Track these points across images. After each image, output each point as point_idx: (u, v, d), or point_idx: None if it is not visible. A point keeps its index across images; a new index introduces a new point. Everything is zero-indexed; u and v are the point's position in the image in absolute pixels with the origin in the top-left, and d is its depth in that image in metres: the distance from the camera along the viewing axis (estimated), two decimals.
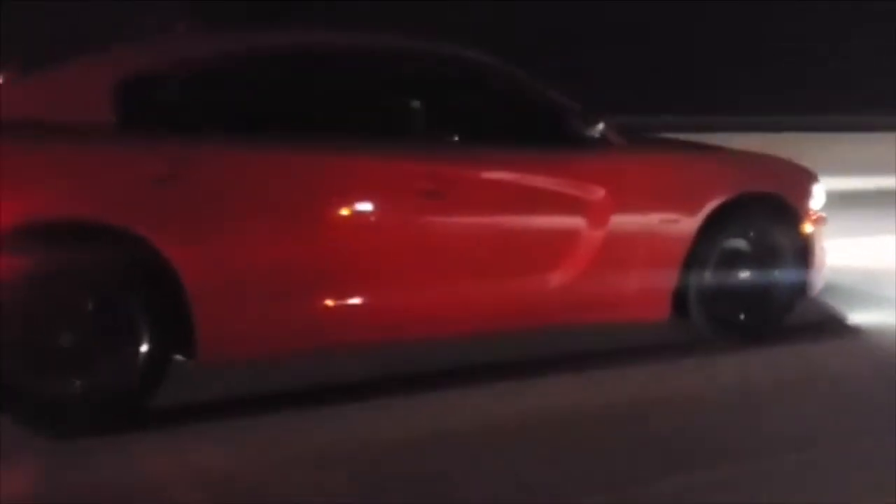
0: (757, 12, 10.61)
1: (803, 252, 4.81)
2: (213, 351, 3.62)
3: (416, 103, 4.14)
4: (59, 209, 3.38)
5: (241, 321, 3.66)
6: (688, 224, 4.50)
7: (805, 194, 4.86)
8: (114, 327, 3.49)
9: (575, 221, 4.27)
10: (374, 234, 3.87)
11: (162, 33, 4.09)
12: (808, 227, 4.84)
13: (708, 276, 4.60)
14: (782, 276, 4.79)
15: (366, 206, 3.86)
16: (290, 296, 3.74)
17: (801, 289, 4.87)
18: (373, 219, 3.87)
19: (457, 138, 4.17)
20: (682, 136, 5.94)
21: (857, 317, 5.27)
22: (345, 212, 3.82)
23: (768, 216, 4.73)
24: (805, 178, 4.93)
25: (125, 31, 4.91)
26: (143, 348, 3.50)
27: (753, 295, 4.75)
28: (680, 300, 4.57)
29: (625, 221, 4.35)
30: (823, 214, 4.95)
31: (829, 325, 5.16)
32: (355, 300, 3.86)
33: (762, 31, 10.57)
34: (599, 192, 4.28)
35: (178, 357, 3.67)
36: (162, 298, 3.52)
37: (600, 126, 4.28)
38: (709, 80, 9.96)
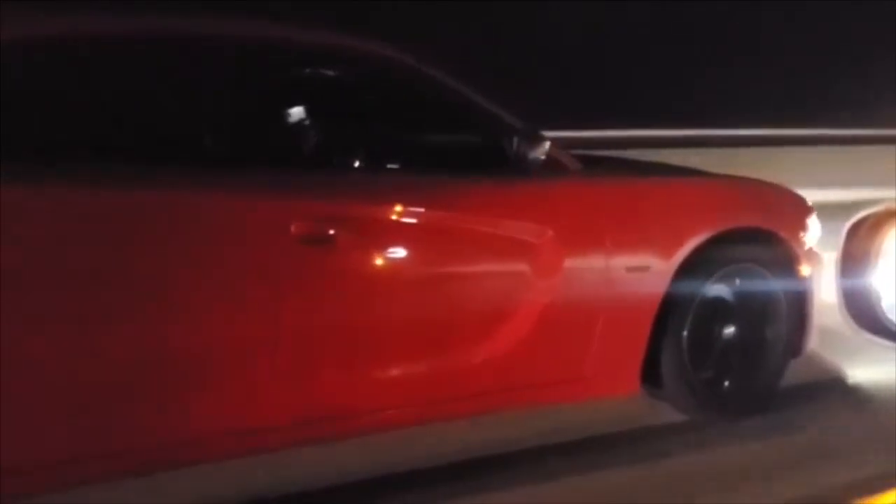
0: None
1: (800, 300, 3.83)
2: (12, 482, 2.47)
3: (297, 115, 3.02)
4: None
5: (45, 443, 2.50)
6: (661, 270, 3.47)
7: (802, 228, 3.87)
8: None
9: (514, 271, 3.20)
10: (226, 302, 2.71)
11: None
12: (805, 270, 3.85)
13: (685, 336, 3.58)
14: (775, 331, 3.81)
15: (214, 262, 2.69)
16: (116, 401, 2.58)
17: (797, 346, 3.89)
18: (226, 280, 2.71)
19: (354, 163, 3.08)
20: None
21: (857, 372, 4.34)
22: (186, 275, 2.66)
23: (759, 257, 3.73)
24: (801, 209, 3.95)
25: None
26: None
27: (740, 357, 3.76)
28: (650, 367, 3.55)
29: (580, 270, 3.31)
30: (818, 252, 3.97)
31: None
32: (203, 402, 2.71)
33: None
34: (547, 233, 3.22)
35: None
36: None
37: (546, 146, 3.22)
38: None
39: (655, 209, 3.51)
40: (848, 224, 4.50)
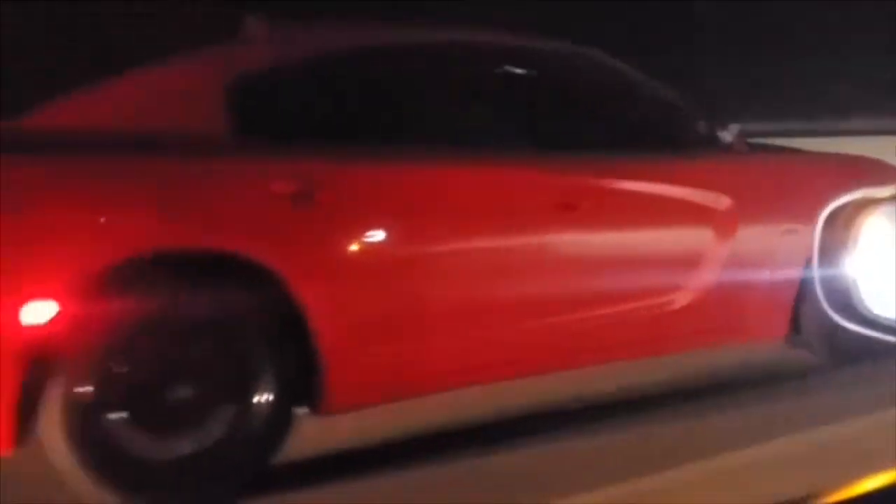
0: None
1: None
2: (341, 400, 3.11)
3: (536, 108, 3.68)
4: (175, 238, 2.82)
5: (376, 365, 3.15)
6: (806, 233, 4.17)
7: None
8: (233, 377, 2.94)
9: (704, 234, 3.89)
10: (516, 257, 3.41)
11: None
12: None
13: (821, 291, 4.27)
14: None
15: (507, 226, 3.42)
16: (430, 332, 3.24)
17: None
18: (514, 240, 3.42)
19: (583, 146, 3.75)
20: None
21: None
22: (488, 234, 3.36)
23: None
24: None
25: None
26: (264, 400, 2.96)
27: None
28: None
29: (750, 233, 3.99)
30: None
31: None
32: (496, 333, 3.39)
33: None
34: (728, 202, 3.91)
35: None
36: (287, 340, 2.99)
37: (735, 129, 3.92)
38: None
39: (803, 181, 4.20)
40: (825, 211, 5.23)
